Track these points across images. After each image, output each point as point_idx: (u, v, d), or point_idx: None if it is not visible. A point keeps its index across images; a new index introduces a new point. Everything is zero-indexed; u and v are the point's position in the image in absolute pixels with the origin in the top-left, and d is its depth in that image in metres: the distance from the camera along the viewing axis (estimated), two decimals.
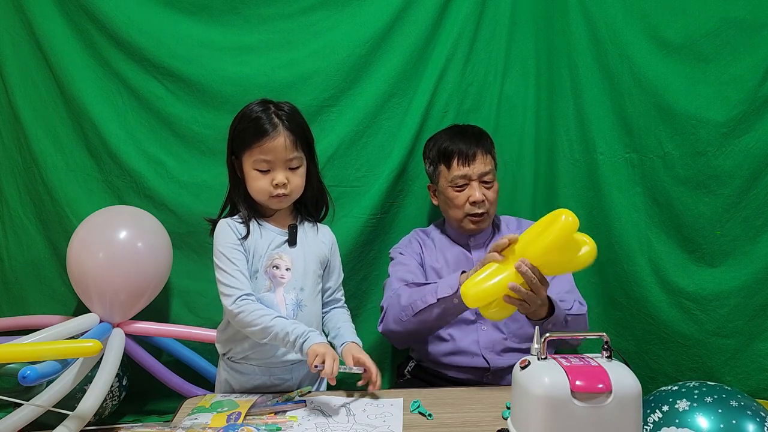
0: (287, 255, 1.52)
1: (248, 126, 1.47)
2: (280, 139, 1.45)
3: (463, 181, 1.75)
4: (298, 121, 1.50)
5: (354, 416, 1.37)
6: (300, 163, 1.49)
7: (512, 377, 1.17)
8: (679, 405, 1.21)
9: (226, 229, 1.49)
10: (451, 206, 1.79)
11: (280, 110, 1.48)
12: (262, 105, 1.50)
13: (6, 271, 2.12)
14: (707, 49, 1.93)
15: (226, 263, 1.45)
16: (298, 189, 1.50)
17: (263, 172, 1.46)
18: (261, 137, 1.44)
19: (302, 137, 1.49)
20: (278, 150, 1.45)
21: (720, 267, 1.97)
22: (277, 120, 1.46)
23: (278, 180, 1.46)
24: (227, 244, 1.47)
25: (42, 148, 2.07)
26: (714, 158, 1.94)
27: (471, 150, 1.75)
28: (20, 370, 1.48)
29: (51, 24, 2.03)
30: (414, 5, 2.04)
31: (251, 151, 1.46)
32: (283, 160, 1.46)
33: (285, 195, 1.48)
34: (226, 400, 1.42)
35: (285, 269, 1.51)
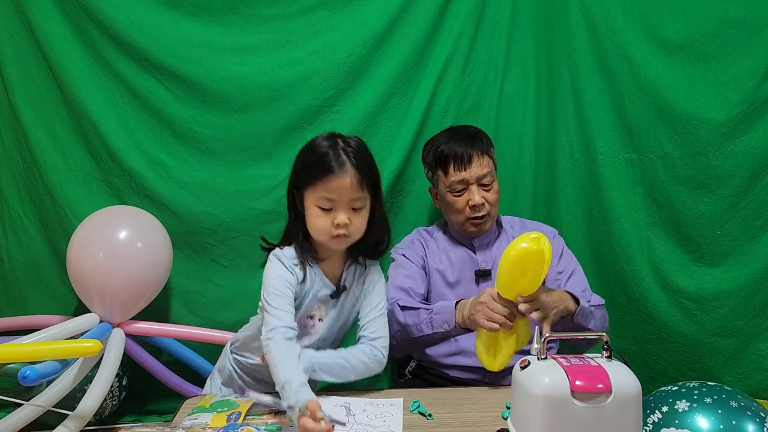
0: (325, 306, 1.49)
1: (315, 161, 1.41)
2: (346, 179, 1.38)
3: (462, 186, 1.74)
4: (365, 159, 1.43)
5: (354, 416, 1.37)
6: (363, 205, 1.43)
7: (512, 377, 1.17)
8: (679, 406, 1.21)
9: (282, 267, 1.44)
10: (451, 211, 1.78)
11: (348, 146, 1.42)
12: (329, 140, 1.43)
13: (6, 271, 2.12)
14: (707, 49, 1.93)
15: (274, 298, 1.40)
16: (358, 231, 1.44)
17: (325, 210, 1.40)
18: (327, 174, 1.38)
19: (369, 176, 1.42)
20: (343, 189, 1.38)
21: (720, 267, 1.97)
22: (344, 157, 1.39)
23: (340, 220, 1.39)
24: (282, 280, 1.42)
25: (42, 148, 2.07)
26: (714, 158, 1.94)
27: (466, 153, 1.73)
28: (20, 370, 1.48)
29: (51, 24, 2.03)
30: (414, 5, 2.04)
31: (315, 187, 1.40)
32: (347, 200, 1.40)
33: (345, 236, 1.42)
34: (226, 400, 1.42)
35: (318, 320, 1.49)
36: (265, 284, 1.44)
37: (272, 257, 1.47)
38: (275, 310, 1.39)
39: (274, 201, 2.06)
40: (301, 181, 1.44)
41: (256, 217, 2.06)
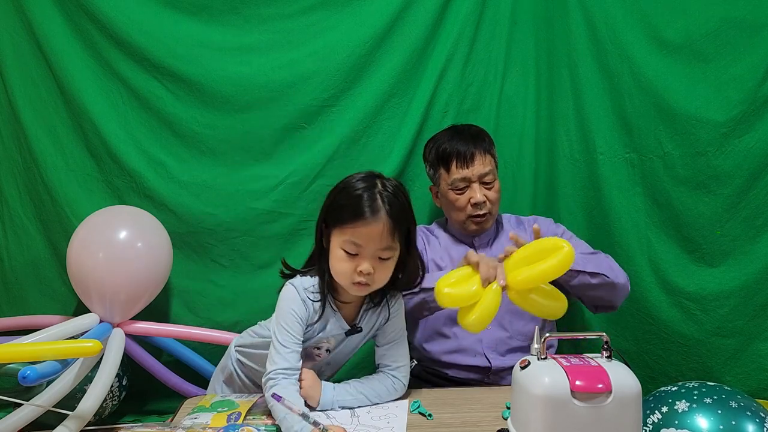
0: (335, 339, 1.46)
1: (348, 202, 1.33)
2: (377, 227, 1.31)
3: (464, 184, 1.75)
4: (401, 206, 1.35)
5: (358, 417, 1.37)
6: (391, 255, 1.36)
7: (512, 377, 1.17)
8: (679, 406, 1.21)
9: (297, 301, 1.40)
10: (453, 209, 1.78)
11: (386, 190, 1.34)
12: (367, 181, 1.35)
13: (6, 271, 2.12)
14: (707, 49, 1.93)
15: (283, 335, 1.37)
16: (381, 281, 1.38)
17: (350, 255, 1.34)
18: (358, 219, 1.31)
19: (402, 225, 1.35)
20: (373, 238, 1.31)
21: (720, 267, 1.97)
22: (380, 203, 1.32)
23: (363, 268, 1.32)
24: (294, 316, 1.38)
25: (42, 148, 2.07)
26: (714, 158, 1.94)
27: (469, 151, 1.74)
28: (20, 370, 1.48)
29: (51, 24, 2.03)
30: (414, 5, 2.04)
31: (343, 229, 1.33)
32: (374, 249, 1.33)
33: (366, 284, 1.35)
34: (226, 400, 1.42)
35: (326, 350, 1.47)
36: (277, 313, 1.41)
37: (289, 286, 1.42)
38: (282, 348, 1.36)
39: (274, 201, 2.06)
40: (330, 218, 1.37)
41: (256, 217, 2.07)
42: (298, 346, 1.38)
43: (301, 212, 2.07)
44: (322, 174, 2.06)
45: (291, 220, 2.08)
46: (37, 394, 1.62)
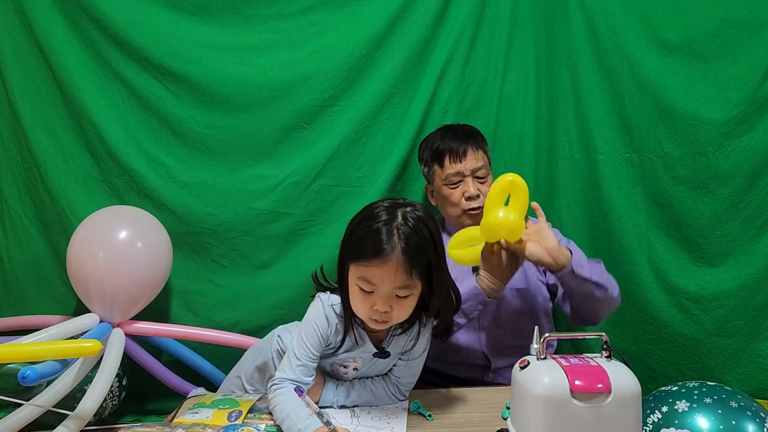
0: (363, 360, 1.42)
1: (364, 236, 1.27)
2: (391, 266, 1.24)
3: (457, 178, 1.77)
4: (420, 241, 1.26)
5: (358, 418, 1.37)
6: (409, 293, 1.29)
7: (512, 377, 1.17)
8: (679, 406, 1.21)
9: (323, 319, 1.36)
10: (447, 204, 1.80)
11: (406, 224, 1.26)
12: (388, 213, 1.28)
13: (6, 271, 2.12)
14: (707, 49, 1.93)
15: (302, 350, 1.35)
16: (400, 317, 1.32)
17: (365, 292, 1.29)
18: (370, 258, 1.25)
19: (420, 261, 1.26)
20: (386, 278, 1.25)
21: (720, 267, 1.97)
22: (395, 240, 1.24)
23: (378, 307, 1.28)
24: (317, 335, 1.35)
25: (42, 148, 2.07)
26: (714, 158, 1.94)
27: (461, 147, 1.77)
28: (20, 370, 1.48)
29: (51, 24, 2.03)
30: (414, 5, 2.04)
31: (358, 266, 1.28)
32: (390, 288, 1.27)
33: (384, 321, 1.31)
34: (227, 398, 1.42)
35: (353, 369, 1.44)
36: (303, 324, 1.38)
37: (317, 300, 1.39)
38: (296, 361, 1.34)
39: (274, 201, 2.06)
40: (347, 251, 1.32)
41: (256, 217, 2.06)
42: (311, 361, 1.35)
43: (301, 212, 2.07)
44: (322, 174, 2.06)
45: (291, 220, 2.08)
46: (37, 394, 1.61)
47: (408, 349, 1.43)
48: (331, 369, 1.44)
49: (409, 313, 1.33)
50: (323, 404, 1.40)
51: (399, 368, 1.46)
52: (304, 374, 1.35)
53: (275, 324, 2.07)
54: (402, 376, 1.46)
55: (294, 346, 1.37)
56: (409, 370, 1.46)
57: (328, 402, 1.40)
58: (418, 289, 1.30)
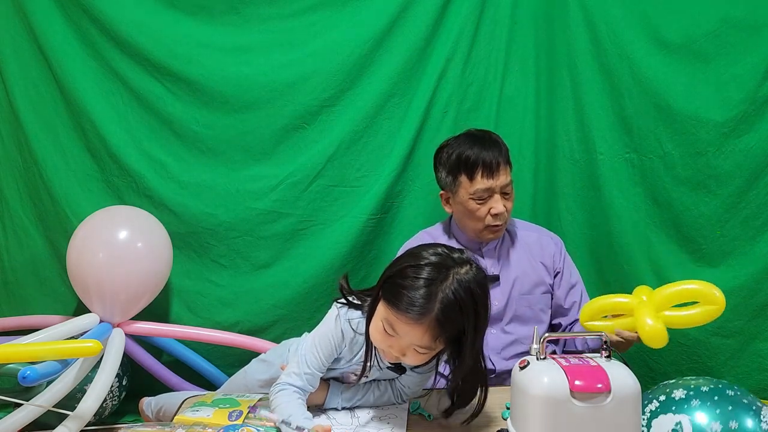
0: (375, 369, 1.37)
1: (404, 286, 1.19)
2: (419, 328, 1.18)
3: (487, 194, 1.69)
4: (459, 309, 1.18)
5: (358, 418, 1.37)
6: (428, 352, 1.23)
7: (511, 378, 1.17)
8: (676, 394, 1.22)
9: (338, 331, 1.33)
10: (471, 218, 1.73)
11: (450, 287, 1.17)
12: (439, 270, 1.19)
13: (6, 271, 2.13)
14: (707, 49, 1.93)
15: (313, 358, 1.33)
16: (412, 363, 1.28)
17: (388, 334, 1.23)
18: (403, 312, 1.18)
19: (451, 329, 1.20)
20: (411, 335, 1.20)
21: (720, 267, 1.97)
22: (433, 305, 1.16)
23: (395, 351, 1.24)
24: (331, 348, 1.33)
25: (42, 148, 2.07)
26: (714, 158, 1.94)
27: (495, 161, 1.68)
28: (20, 370, 1.48)
29: (51, 24, 2.03)
30: (414, 5, 2.04)
31: (388, 308, 1.21)
32: (409, 343, 1.22)
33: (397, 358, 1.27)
34: (228, 398, 1.42)
35: (364, 376, 1.41)
36: (317, 333, 1.36)
37: (336, 314, 1.35)
38: (305, 368, 1.33)
39: (274, 201, 2.06)
40: (385, 287, 1.24)
41: (256, 217, 2.07)
42: (320, 371, 1.35)
43: (301, 212, 2.07)
44: (322, 174, 2.07)
45: (291, 220, 2.08)
46: (37, 394, 1.62)
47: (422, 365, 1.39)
48: (340, 375, 1.43)
49: (422, 362, 1.28)
50: (328, 407, 1.40)
51: (407, 378, 1.44)
52: (311, 383, 1.34)
53: (275, 324, 2.10)
54: (408, 385, 1.45)
55: (305, 353, 1.35)
56: (416, 381, 1.45)
57: (333, 404, 1.40)
58: (440, 348, 1.25)
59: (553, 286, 1.78)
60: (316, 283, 2.06)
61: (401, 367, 1.38)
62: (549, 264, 1.78)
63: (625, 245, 2.00)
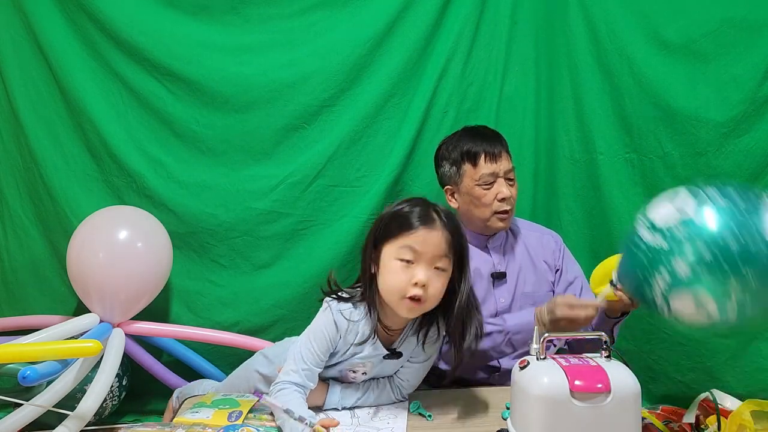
0: (372, 363, 1.40)
1: (402, 215, 1.32)
2: (435, 233, 1.29)
3: (492, 179, 1.72)
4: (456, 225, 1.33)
5: (358, 418, 1.37)
6: (446, 268, 1.31)
7: (512, 378, 1.17)
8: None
9: (332, 325, 1.36)
10: (478, 205, 1.75)
11: (440, 208, 1.34)
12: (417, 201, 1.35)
13: (6, 271, 2.12)
14: (707, 49, 1.93)
15: (310, 354, 1.34)
16: (434, 297, 1.31)
17: (406, 262, 1.29)
18: (413, 227, 1.29)
19: (456, 244, 1.32)
20: (430, 243, 1.29)
21: None
22: (434, 215, 1.31)
23: (419, 278, 1.28)
24: (327, 342, 1.35)
25: (42, 148, 2.07)
26: (714, 158, 1.94)
27: (497, 149, 1.73)
28: (20, 370, 1.48)
29: (51, 24, 2.03)
30: (414, 5, 2.04)
31: (398, 239, 1.30)
32: (431, 255, 1.29)
33: (419, 300, 1.29)
34: (228, 398, 1.42)
35: (362, 373, 1.43)
36: (311, 329, 1.38)
37: (328, 308, 1.38)
38: (302, 365, 1.34)
39: (274, 201, 2.06)
40: (380, 236, 1.33)
41: (256, 217, 2.07)
42: (317, 366, 1.36)
43: (301, 212, 2.07)
44: (322, 174, 2.06)
45: (291, 220, 2.08)
46: (37, 394, 1.62)
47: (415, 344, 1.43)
48: (339, 375, 1.44)
49: (440, 295, 1.32)
50: (328, 407, 1.40)
51: (405, 371, 1.45)
52: (310, 379, 1.35)
53: (275, 324, 2.10)
54: (407, 379, 1.45)
55: (301, 350, 1.36)
56: (414, 374, 1.45)
57: (333, 405, 1.40)
58: (449, 272, 1.33)
59: (554, 283, 1.79)
60: (316, 283, 2.04)
61: (397, 353, 1.39)
62: (551, 262, 1.78)
63: None
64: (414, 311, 1.31)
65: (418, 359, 1.44)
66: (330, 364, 1.41)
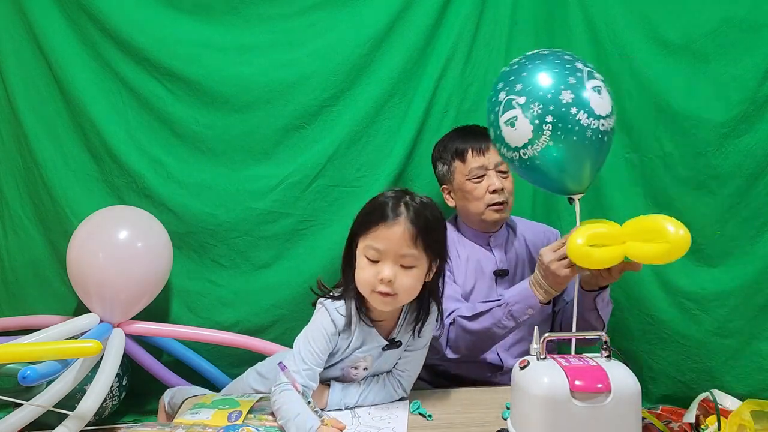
0: (372, 357, 1.44)
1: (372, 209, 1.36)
2: (397, 229, 1.31)
3: (481, 172, 1.76)
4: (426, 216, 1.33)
5: (358, 418, 1.37)
6: (414, 263, 1.32)
7: (512, 378, 1.17)
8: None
9: (329, 322, 1.38)
10: (471, 199, 1.77)
11: (413, 201, 1.35)
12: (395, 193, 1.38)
13: (6, 271, 2.12)
14: (707, 49, 1.93)
15: (309, 355, 1.36)
16: (405, 292, 1.34)
17: (372, 261, 1.33)
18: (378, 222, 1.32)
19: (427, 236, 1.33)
20: (392, 241, 1.31)
21: (720, 267, 1.97)
22: (402, 209, 1.32)
23: (384, 275, 1.30)
24: (324, 341, 1.37)
25: (42, 148, 2.07)
26: (714, 158, 1.94)
27: (483, 143, 1.76)
28: (20, 370, 1.48)
29: (51, 24, 2.03)
30: (414, 5, 2.04)
31: (366, 236, 1.34)
32: (394, 254, 1.31)
33: (389, 294, 1.32)
34: (228, 398, 1.42)
35: (363, 369, 1.44)
36: (309, 329, 1.40)
37: (323, 307, 1.41)
38: (302, 365, 1.35)
39: (274, 201, 2.06)
40: (356, 229, 1.38)
41: (256, 217, 2.07)
42: (318, 366, 1.37)
43: (301, 212, 2.07)
44: (322, 174, 2.06)
45: (291, 220, 2.08)
46: (37, 394, 1.62)
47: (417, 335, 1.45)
48: (341, 373, 1.44)
49: (413, 289, 1.34)
50: (330, 407, 1.40)
51: (403, 361, 1.47)
52: (311, 378, 1.35)
53: (275, 324, 2.10)
54: (405, 369, 1.47)
55: (300, 350, 1.37)
56: (412, 362, 1.47)
57: (335, 405, 1.41)
58: (423, 263, 1.33)
59: None
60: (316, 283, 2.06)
61: (397, 342, 1.41)
62: None
63: None
64: (388, 304, 1.34)
65: (415, 346, 1.46)
66: (332, 363, 1.41)
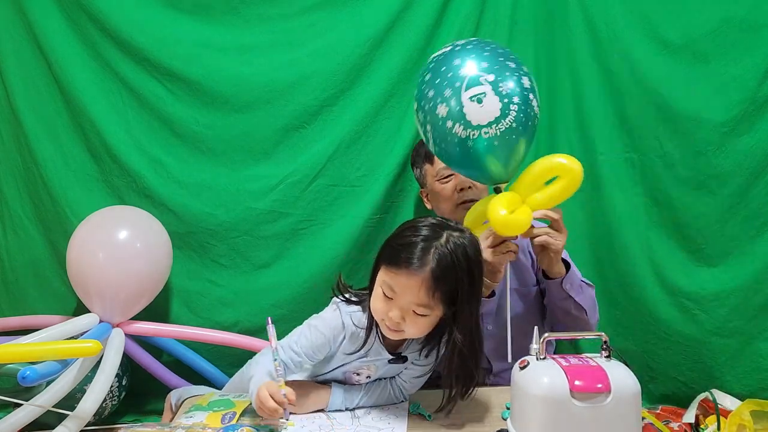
0: (376, 367, 1.41)
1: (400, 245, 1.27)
2: (416, 281, 1.23)
3: (448, 172, 1.77)
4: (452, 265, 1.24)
5: (358, 418, 1.37)
6: (426, 313, 1.26)
7: (511, 378, 1.17)
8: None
9: (339, 327, 1.36)
10: (441, 199, 1.80)
11: (446, 245, 1.24)
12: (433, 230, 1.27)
13: (6, 271, 2.12)
14: (707, 49, 1.93)
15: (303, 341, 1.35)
16: (413, 334, 1.30)
17: (386, 296, 1.28)
18: (400, 266, 1.24)
19: (445, 286, 1.24)
20: (408, 290, 1.24)
21: (720, 267, 1.97)
22: (429, 258, 1.23)
23: (392, 315, 1.26)
24: (326, 341, 1.35)
25: (42, 147, 2.07)
26: (714, 158, 1.94)
27: None
28: (20, 370, 1.48)
29: (51, 24, 2.03)
30: (414, 5, 2.04)
31: (387, 270, 1.28)
32: (408, 302, 1.25)
33: (396, 331, 1.29)
34: (223, 399, 1.42)
35: (366, 377, 1.43)
36: (313, 321, 1.39)
37: (337, 308, 1.38)
38: (293, 347, 1.35)
39: (274, 201, 2.06)
40: (382, 253, 1.31)
41: (256, 217, 2.07)
42: (306, 357, 1.36)
43: (301, 212, 2.07)
44: (322, 174, 2.06)
45: (291, 220, 2.08)
46: (37, 394, 1.62)
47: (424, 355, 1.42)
48: (343, 377, 1.44)
49: (422, 332, 1.30)
50: (331, 409, 1.40)
51: (408, 372, 1.45)
52: (294, 362, 1.35)
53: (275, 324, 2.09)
54: (408, 380, 1.46)
55: (299, 334, 1.37)
56: (417, 375, 1.45)
57: (336, 407, 1.40)
58: (437, 313, 1.27)
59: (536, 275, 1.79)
60: (316, 283, 2.06)
61: (403, 357, 1.39)
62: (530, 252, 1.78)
63: (625, 245, 2.00)
64: (395, 336, 1.31)
65: (422, 362, 1.43)
66: (334, 367, 1.41)
